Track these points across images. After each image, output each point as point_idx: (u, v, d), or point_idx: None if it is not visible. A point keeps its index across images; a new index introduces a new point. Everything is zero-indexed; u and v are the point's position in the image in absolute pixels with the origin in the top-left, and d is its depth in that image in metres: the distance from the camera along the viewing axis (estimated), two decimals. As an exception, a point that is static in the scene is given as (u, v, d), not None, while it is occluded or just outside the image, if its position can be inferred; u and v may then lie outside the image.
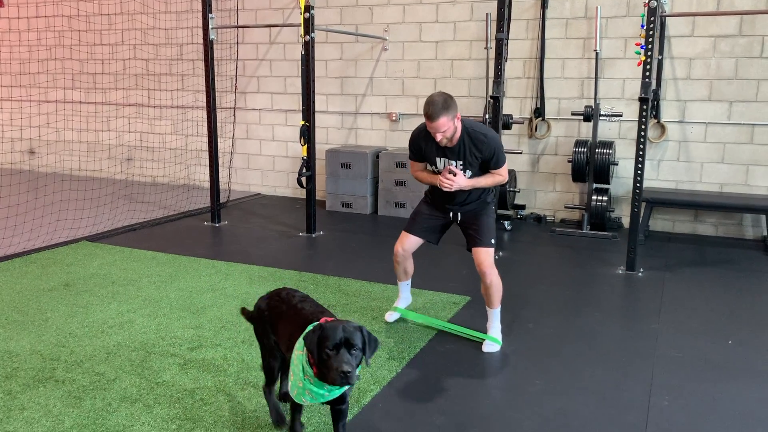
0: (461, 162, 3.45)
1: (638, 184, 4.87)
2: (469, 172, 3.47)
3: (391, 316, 3.91)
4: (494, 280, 3.53)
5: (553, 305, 4.34)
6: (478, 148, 3.41)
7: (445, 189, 3.44)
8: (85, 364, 3.32)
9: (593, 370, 3.35)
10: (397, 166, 6.85)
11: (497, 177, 3.52)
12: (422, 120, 3.41)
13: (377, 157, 7.05)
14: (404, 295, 3.94)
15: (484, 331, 3.67)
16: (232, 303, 4.21)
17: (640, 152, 4.83)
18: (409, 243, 3.70)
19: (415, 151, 3.58)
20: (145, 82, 8.60)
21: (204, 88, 6.34)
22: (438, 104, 3.23)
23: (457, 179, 3.42)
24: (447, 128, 3.28)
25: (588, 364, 3.42)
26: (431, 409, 2.95)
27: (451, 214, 3.64)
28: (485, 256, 3.51)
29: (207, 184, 6.70)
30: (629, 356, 3.53)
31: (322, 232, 6.17)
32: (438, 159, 3.50)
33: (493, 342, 3.59)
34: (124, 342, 3.59)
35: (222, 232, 6.23)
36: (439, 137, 3.32)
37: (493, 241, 3.55)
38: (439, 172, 3.52)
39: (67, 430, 2.71)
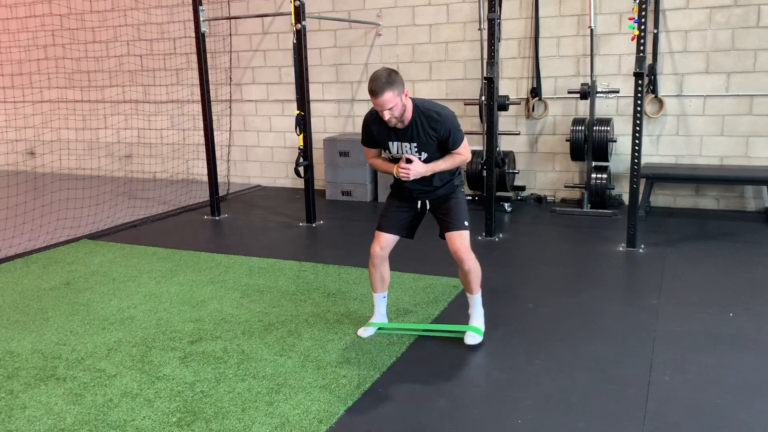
0: (415, 144, 3.20)
1: (636, 161, 4.84)
2: (425, 155, 3.22)
3: (366, 332, 3.57)
4: (472, 265, 3.32)
5: (554, 284, 4.33)
6: (433, 128, 3.16)
7: (402, 179, 3.23)
8: (86, 361, 3.33)
9: (594, 348, 3.34)
10: (394, 152, 6.82)
11: (458, 157, 3.27)
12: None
13: (375, 143, 7.01)
14: (380, 311, 3.61)
15: (467, 321, 3.51)
16: (232, 295, 4.22)
17: (637, 128, 4.79)
18: (385, 241, 3.43)
19: (367, 137, 3.34)
20: (140, 78, 8.58)
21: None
22: (382, 79, 3.00)
23: (414, 166, 3.18)
24: (393, 105, 3.03)
25: (588, 342, 3.41)
26: (432, 391, 2.95)
27: (419, 203, 3.40)
28: (460, 241, 3.29)
29: (206, 178, 6.70)
30: (630, 332, 3.52)
31: (322, 222, 6.16)
32: (390, 143, 3.24)
33: (475, 333, 3.43)
34: (125, 338, 3.60)
35: (222, 225, 6.24)
36: (386, 115, 3.06)
37: (466, 223, 3.34)
38: (393, 159, 3.29)
39: (68, 427, 2.72)
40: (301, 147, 5.82)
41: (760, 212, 6.02)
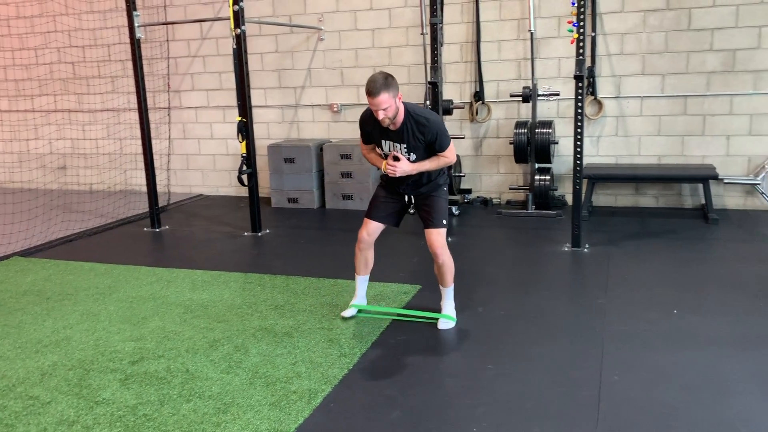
0: (405, 145, 3.46)
1: (578, 162, 4.91)
2: (413, 156, 3.49)
3: (348, 312, 3.85)
4: (446, 260, 3.61)
5: (502, 287, 4.34)
6: (421, 131, 3.43)
7: (389, 174, 3.50)
8: (18, 388, 3.13)
9: (544, 350, 3.35)
10: (342, 158, 6.74)
11: (442, 159, 3.53)
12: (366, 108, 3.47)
13: (321, 149, 6.93)
14: (361, 293, 3.90)
15: (439, 311, 3.76)
16: (175, 311, 4.06)
17: (578, 129, 4.86)
18: (372, 228, 3.71)
19: (363, 133, 3.65)
20: (73, 87, 8.24)
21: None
22: (379, 81, 3.27)
23: (401, 165, 3.46)
24: (388, 106, 3.28)
25: (539, 344, 3.42)
26: (385, 404, 2.89)
27: (406, 197, 3.69)
28: (436, 237, 3.59)
29: (145, 189, 6.47)
30: (579, 333, 3.54)
31: (268, 231, 6.03)
32: (383, 141, 3.52)
33: (447, 319, 3.69)
34: (60, 361, 3.41)
35: (163, 237, 6.03)
36: (380, 115, 3.31)
37: (444, 222, 3.62)
38: (386, 155, 3.56)
39: (-2, 462, 2.55)
40: (244, 154, 5.68)
41: (696, 209, 6.22)
